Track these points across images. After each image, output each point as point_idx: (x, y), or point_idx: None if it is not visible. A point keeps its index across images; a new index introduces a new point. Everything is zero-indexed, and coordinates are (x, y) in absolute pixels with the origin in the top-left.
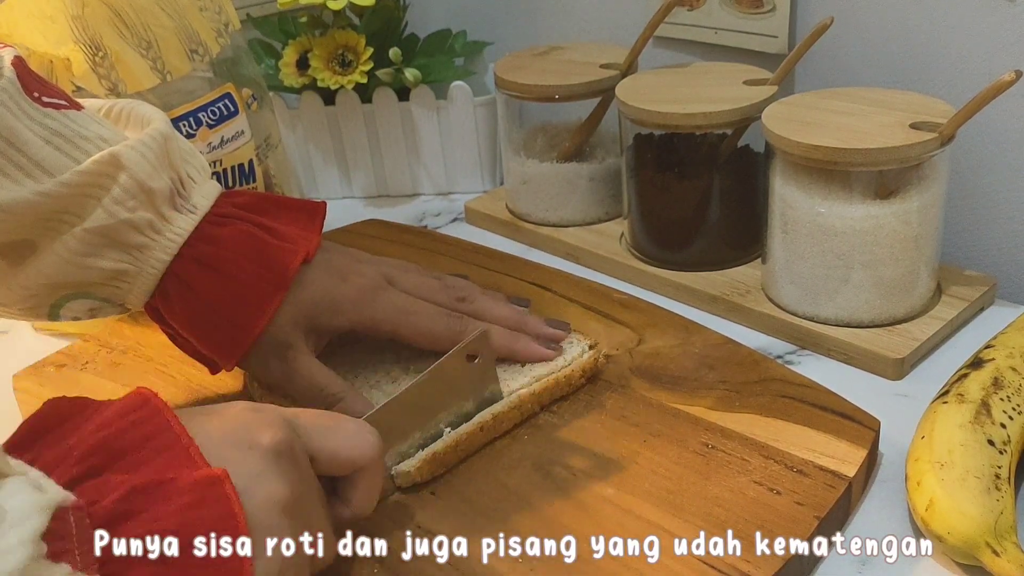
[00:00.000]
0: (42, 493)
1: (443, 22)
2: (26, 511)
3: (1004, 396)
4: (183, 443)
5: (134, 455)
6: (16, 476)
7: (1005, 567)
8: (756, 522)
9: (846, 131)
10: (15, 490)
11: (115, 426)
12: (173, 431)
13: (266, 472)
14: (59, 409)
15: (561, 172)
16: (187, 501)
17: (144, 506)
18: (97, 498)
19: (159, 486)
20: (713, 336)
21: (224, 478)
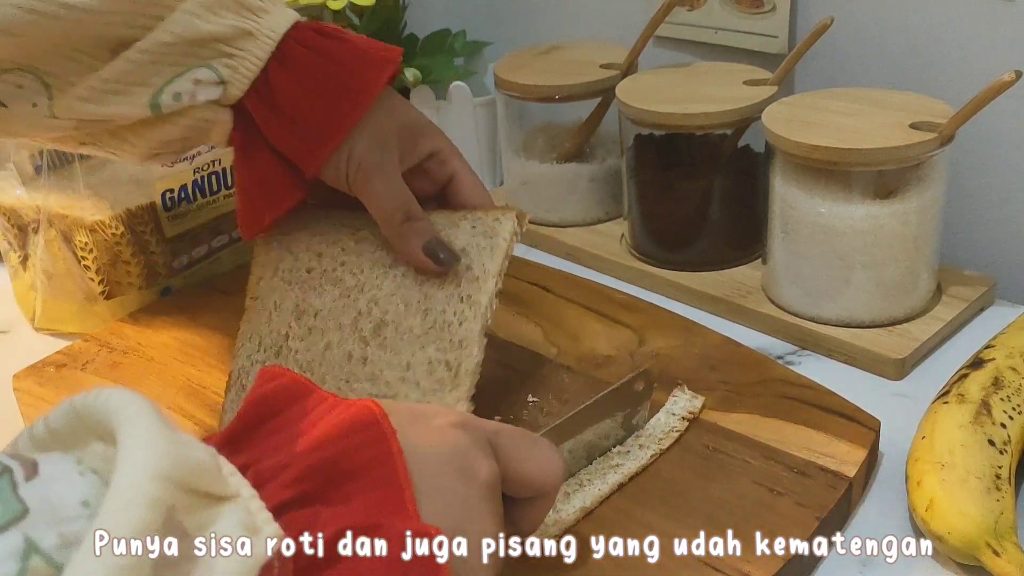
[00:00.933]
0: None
1: (443, 22)
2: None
3: (1004, 396)
4: (400, 483)
5: (349, 484)
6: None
7: (1005, 567)
8: (757, 522)
9: (846, 131)
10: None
11: (337, 447)
12: (394, 465)
13: (481, 512)
14: (279, 390)
15: (561, 173)
16: (396, 556)
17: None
18: (307, 527)
19: (369, 530)
20: (714, 337)
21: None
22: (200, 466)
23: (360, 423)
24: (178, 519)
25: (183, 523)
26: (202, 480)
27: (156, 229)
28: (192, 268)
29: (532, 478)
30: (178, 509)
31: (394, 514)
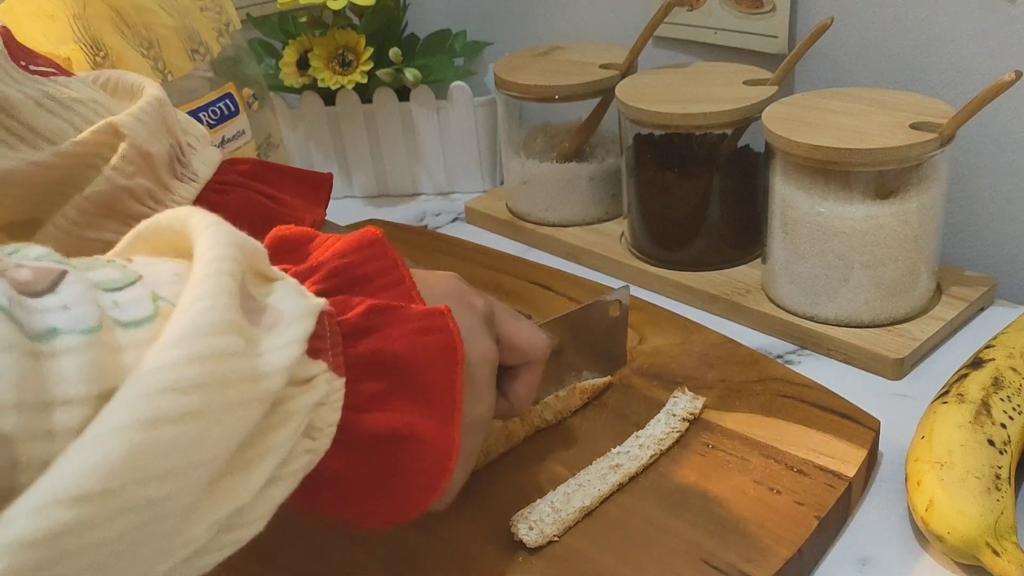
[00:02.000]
0: (306, 298)
1: (443, 22)
2: (299, 313)
3: (1004, 396)
4: (407, 284)
5: (369, 284)
6: (281, 282)
7: (1005, 567)
8: (756, 521)
9: (846, 131)
10: (286, 294)
11: (352, 256)
12: (400, 270)
13: (481, 330)
14: (297, 232)
15: (561, 172)
16: (416, 327)
17: (381, 324)
18: (342, 310)
19: (393, 310)
20: (713, 335)
21: (448, 313)
22: (257, 250)
23: (367, 240)
24: (247, 287)
25: (251, 291)
26: (259, 261)
27: None
28: None
29: (519, 340)
30: (247, 278)
31: (408, 301)
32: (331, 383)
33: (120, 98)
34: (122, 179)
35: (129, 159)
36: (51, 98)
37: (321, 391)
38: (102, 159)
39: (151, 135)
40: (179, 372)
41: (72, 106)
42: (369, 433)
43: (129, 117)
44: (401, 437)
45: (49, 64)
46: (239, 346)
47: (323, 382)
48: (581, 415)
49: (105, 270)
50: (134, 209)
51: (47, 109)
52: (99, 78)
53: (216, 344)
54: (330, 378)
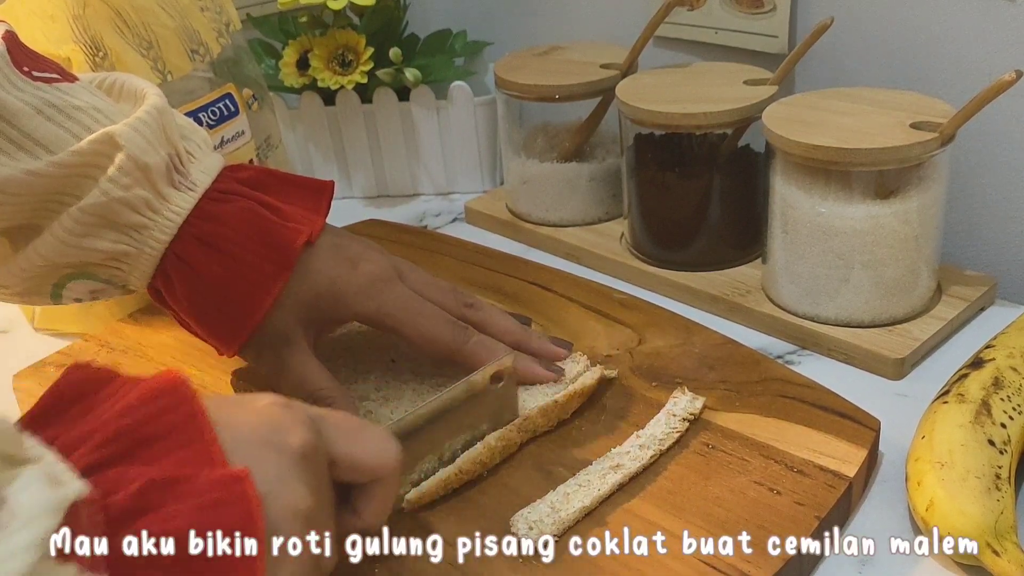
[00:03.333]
0: (57, 488)
1: (443, 22)
2: (37, 510)
3: (1004, 396)
4: (207, 439)
5: (156, 446)
6: (32, 465)
7: (1005, 567)
8: (756, 522)
9: (846, 131)
10: (29, 483)
11: (140, 413)
12: (198, 424)
13: (291, 477)
14: (84, 378)
15: (561, 172)
16: (205, 500)
17: (160, 502)
18: (113, 490)
19: (177, 482)
20: (713, 336)
21: (245, 478)
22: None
23: (161, 389)
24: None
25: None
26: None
27: None
28: None
29: (361, 460)
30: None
31: (202, 466)
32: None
33: (124, 102)
34: (118, 191)
35: (126, 170)
36: (51, 106)
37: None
38: (99, 169)
39: (148, 145)
40: None
41: (72, 114)
42: None
43: (127, 128)
44: None
45: (53, 69)
46: None
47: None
48: (581, 416)
49: None
50: (131, 219)
51: (47, 117)
52: (104, 81)
53: None
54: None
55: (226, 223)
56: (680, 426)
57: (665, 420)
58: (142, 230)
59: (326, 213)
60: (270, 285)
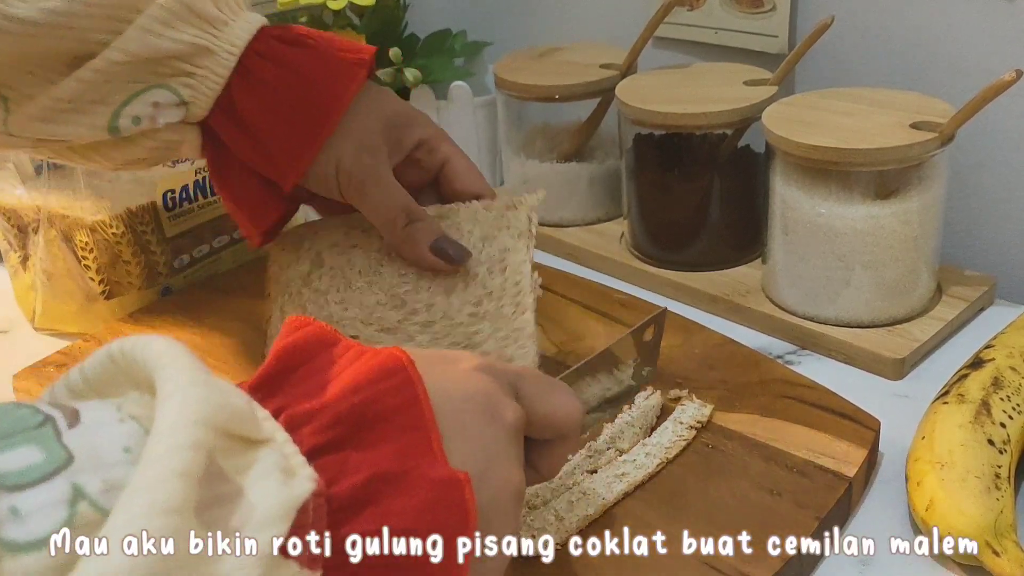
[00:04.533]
0: (291, 482)
1: (443, 22)
2: (273, 515)
3: (1004, 396)
4: (427, 426)
5: (378, 429)
6: (266, 450)
7: (1005, 567)
8: (756, 522)
9: (846, 131)
10: (264, 474)
11: (366, 393)
12: (421, 410)
13: (506, 454)
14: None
15: (561, 173)
16: (425, 499)
17: (381, 496)
18: (336, 478)
19: (399, 478)
20: (713, 336)
21: (466, 483)
22: (237, 411)
23: (388, 370)
24: (218, 463)
25: (222, 467)
26: (239, 425)
27: (157, 228)
28: (193, 268)
29: (554, 419)
30: (217, 452)
31: (422, 458)
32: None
33: None
34: None
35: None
36: None
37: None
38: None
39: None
40: None
41: None
42: None
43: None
44: None
45: None
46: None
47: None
48: None
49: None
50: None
51: None
52: None
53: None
54: None
55: (299, 31)
56: (687, 434)
57: (672, 428)
58: (222, 27)
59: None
60: (351, 78)
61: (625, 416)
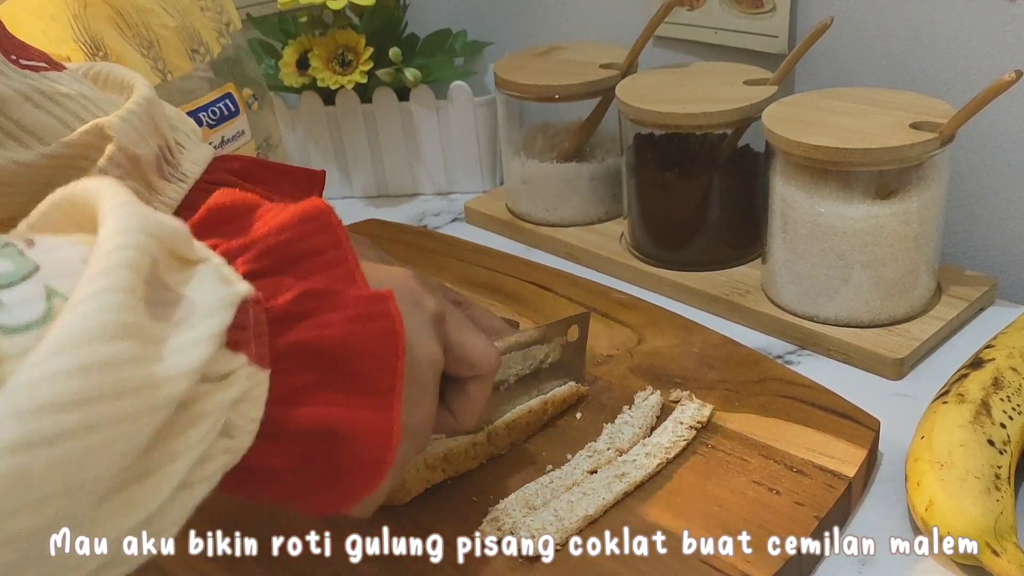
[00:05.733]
0: (228, 285)
1: (443, 22)
2: (213, 305)
3: (1004, 396)
4: (351, 264)
5: (307, 262)
6: (203, 265)
7: (1005, 567)
8: (756, 522)
9: (846, 131)
10: (202, 281)
11: (293, 231)
12: (343, 249)
13: (428, 331)
14: (235, 200)
15: (561, 172)
16: (354, 312)
17: (314, 310)
18: (272, 295)
19: (329, 294)
20: (713, 336)
21: (390, 298)
22: (176, 231)
23: (311, 213)
24: (159, 275)
25: (164, 279)
26: (177, 244)
27: None
28: None
29: (470, 351)
30: (160, 264)
31: (349, 283)
32: (252, 377)
33: (110, 91)
34: None
35: (116, 161)
36: (40, 93)
37: (240, 387)
38: (89, 161)
39: (139, 137)
40: (58, 386)
41: (61, 101)
42: (298, 428)
43: (117, 119)
44: (333, 430)
45: (40, 57)
46: (133, 351)
47: (242, 377)
48: (581, 417)
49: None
50: None
51: (35, 104)
52: (89, 71)
53: (104, 352)
54: (251, 372)
55: None
56: (687, 434)
57: (672, 428)
58: None
59: None
60: None
61: (625, 416)
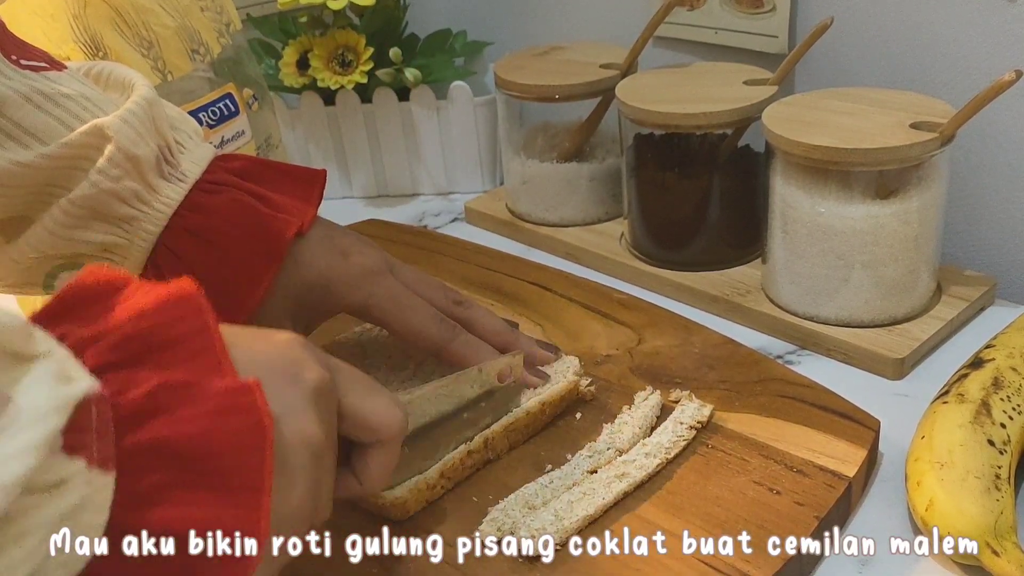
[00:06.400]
0: (67, 384)
1: (443, 22)
2: (44, 409)
3: (1004, 396)
4: (218, 350)
5: (167, 352)
6: (41, 362)
7: (1005, 567)
8: (756, 522)
9: (846, 131)
10: (36, 380)
11: (154, 319)
12: (211, 335)
13: (304, 409)
14: (99, 280)
15: (561, 172)
16: (215, 406)
17: (170, 405)
18: (123, 390)
19: (188, 387)
20: (713, 336)
21: (256, 388)
22: (6, 326)
23: (176, 298)
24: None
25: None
26: (8, 339)
27: None
28: None
29: (368, 417)
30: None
31: (212, 374)
32: (92, 483)
33: (112, 91)
34: (108, 182)
35: (115, 162)
36: (40, 94)
37: (77, 494)
38: (88, 161)
39: (139, 137)
40: None
41: (61, 102)
42: (150, 531)
43: (116, 119)
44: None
45: (41, 57)
46: None
47: (80, 483)
48: (581, 417)
49: None
50: (121, 211)
51: (36, 105)
52: (91, 70)
53: None
54: (91, 477)
55: (216, 214)
56: (687, 434)
57: (672, 428)
58: (132, 222)
59: (318, 203)
60: (260, 277)
61: (625, 416)
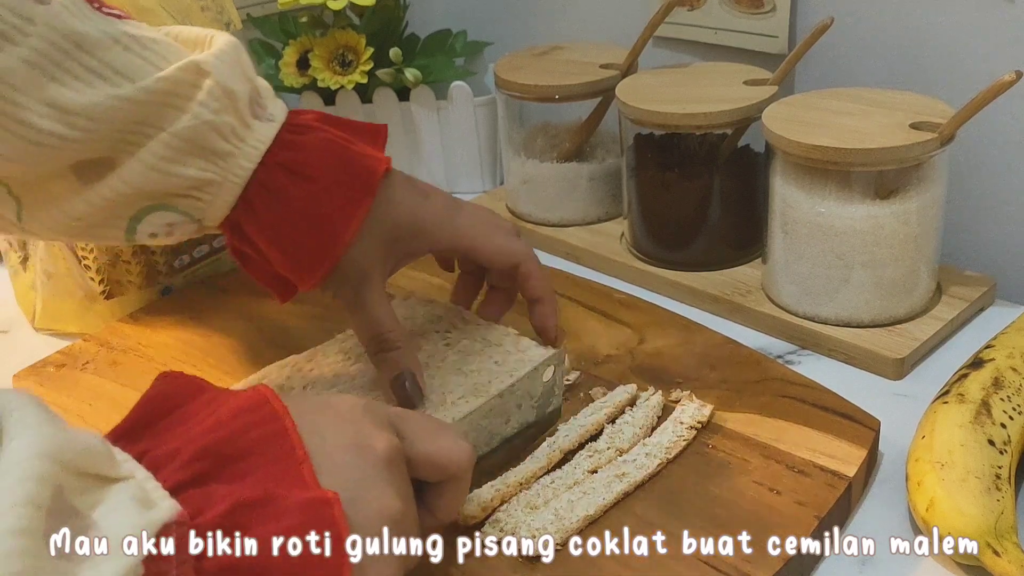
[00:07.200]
0: (148, 510)
1: (443, 22)
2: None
3: (1004, 396)
4: (297, 457)
5: (244, 462)
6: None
7: (1005, 567)
8: (756, 522)
9: (846, 131)
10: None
11: (229, 428)
12: (289, 440)
13: (378, 482)
14: (175, 390)
15: (561, 172)
16: (293, 522)
17: (248, 523)
18: (201, 510)
19: (266, 503)
20: (714, 336)
21: (335, 502)
22: (89, 449)
23: (251, 405)
24: (68, 499)
25: (73, 503)
26: (91, 462)
27: None
28: (193, 267)
29: (437, 459)
30: (67, 490)
31: (288, 483)
32: None
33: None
34: (209, 114)
35: (215, 95)
36: (129, 36)
37: None
38: (182, 98)
39: (233, 74)
40: None
41: (149, 45)
42: None
43: (211, 56)
44: None
45: (120, 8)
46: None
47: None
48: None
49: None
50: (218, 146)
51: (124, 47)
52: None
53: None
54: None
55: (309, 152)
56: (687, 434)
57: (672, 428)
58: (227, 158)
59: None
60: (354, 210)
61: (625, 416)
